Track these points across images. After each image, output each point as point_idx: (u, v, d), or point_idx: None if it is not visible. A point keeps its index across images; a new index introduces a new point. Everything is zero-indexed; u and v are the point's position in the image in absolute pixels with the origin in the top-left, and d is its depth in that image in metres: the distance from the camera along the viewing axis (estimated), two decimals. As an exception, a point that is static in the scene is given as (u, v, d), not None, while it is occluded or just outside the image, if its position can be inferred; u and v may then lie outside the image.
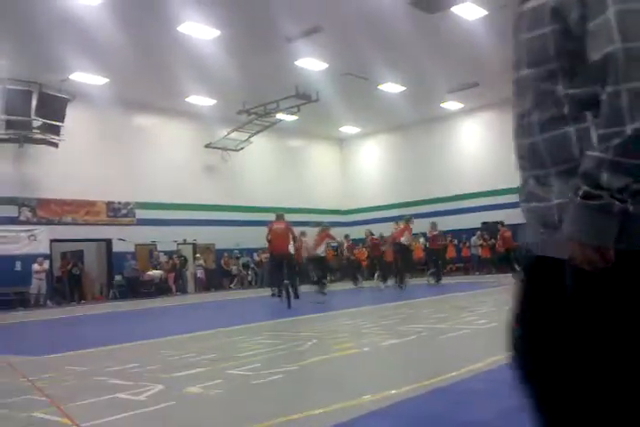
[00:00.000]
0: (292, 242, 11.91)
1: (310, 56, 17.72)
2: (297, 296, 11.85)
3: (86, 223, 19.87)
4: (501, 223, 18.93)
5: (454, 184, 24.92)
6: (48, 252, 19.06)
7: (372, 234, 18.62)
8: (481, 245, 22.54)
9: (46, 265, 18.26)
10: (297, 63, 18.11)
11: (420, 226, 24.65)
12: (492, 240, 22.32)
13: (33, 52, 15.76)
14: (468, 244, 23.28)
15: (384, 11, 14.55)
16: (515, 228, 22.23)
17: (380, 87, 21.06)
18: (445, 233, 23.90)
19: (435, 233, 17.88)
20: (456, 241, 23.55)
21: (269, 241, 12.05)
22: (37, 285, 17.85)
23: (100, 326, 11.09)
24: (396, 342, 5.75)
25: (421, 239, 23.74)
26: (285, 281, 11.44)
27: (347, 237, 21.98)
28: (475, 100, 23.32)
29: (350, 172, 29.32)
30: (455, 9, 14.94)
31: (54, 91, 17.74)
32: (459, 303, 10.01)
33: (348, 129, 27.64)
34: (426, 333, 6.21)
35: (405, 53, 17.45)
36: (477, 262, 22.85)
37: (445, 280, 17.13)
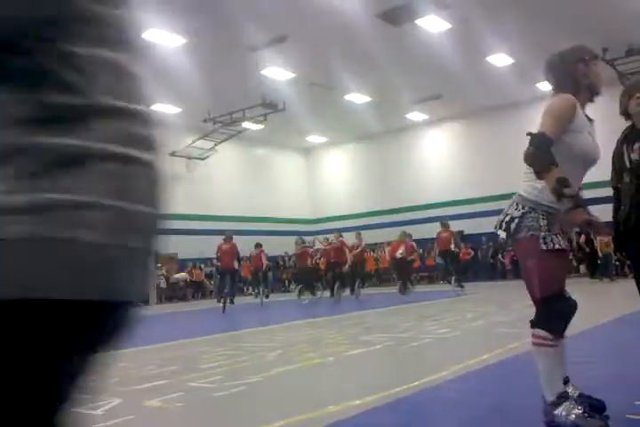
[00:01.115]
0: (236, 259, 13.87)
1: (276, 65, 17.75)
2: (232, 302, 13.64)
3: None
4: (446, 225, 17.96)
5: (420, 194, 25.21)
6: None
7: (304, 242, 16.82)
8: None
9: None
10: (263, 72, 18.11)
11: (385, 236, 24.88)
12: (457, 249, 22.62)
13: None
14: (433, 253, 23.48)
15: (350, 22, 14.69)
16: (477, 237, 22.64)
17: (346, 97, 21.22)
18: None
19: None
20: (421, 250, 23.73)
21: (218, 258, 14.23)
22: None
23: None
24: (360, 351, 5.73)
25: (387, 249, 23.89)
26: (225, 290, 13.63)
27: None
28: (439, 111, 23.69)
29: (317, 181, 29.38)
30: (420, 22, 15.18)
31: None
32: (424, 312, 10.06)
33: (315, 138, 27.72)
34: (391, 342, 6.21)
35: (371, 64, 17.64)
36: (443, 271, 23.06)
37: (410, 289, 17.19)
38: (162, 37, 15.18)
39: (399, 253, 15.42)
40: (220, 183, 24.73)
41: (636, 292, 3.36)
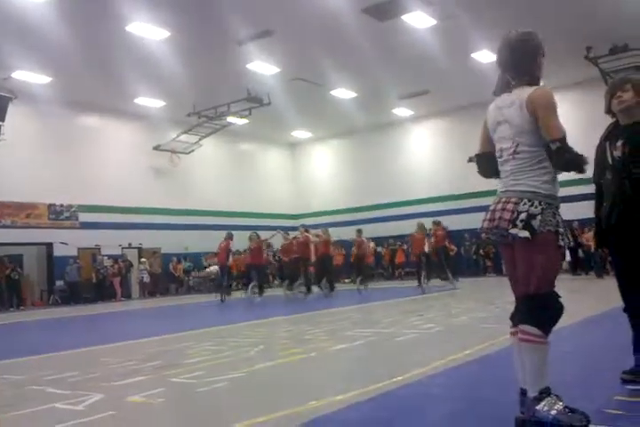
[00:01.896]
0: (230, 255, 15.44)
1: (262, 60, 17.66)
2: (229, 294, 15.13)
3: (27, 226, 19.17)
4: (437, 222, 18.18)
5: (405, 190, 25.29)
6: (-15, 255, 18.28)
7: (258, 237, 15.11)
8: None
9: (-19, 269, 17.50)
10: (248, 66, 18.01)
11: (369, 231, 24.95)
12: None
13: (-28, 47, 15.13)
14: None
15: (336, 17, 14.65)
16: (459, 233, 22.77)
17: (332, 93, 21.18)
18: (394, 238, 24.28)
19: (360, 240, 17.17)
20: (405, 246, 23.86)
21: (216, 254, 15.54)
22: (-28, 290, 17.10)
23: (38, 332, 10.68)
24: (343, 346, 5.74)
25: (371, 244, 24.01)
26: (224, 283, 15.08)
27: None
28: (424, 107, 23.76)
29: (302, 176, 29.34)
30: (405, 17, 15.18)
31: (-5, 89, 17.06)
32: (407, 308, 10.11)
33: (300, 133, 27.67)
34: (373, 337, 6.24)
35: (357, 60, 17.62)
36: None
37: (394, 284, 17.28)
38: (146, 30, 15.03)
39: (427, 248, 15.44)
40: (204, 178, 24.61)
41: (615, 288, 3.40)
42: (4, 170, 18.22)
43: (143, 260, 21.78)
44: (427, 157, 25.36)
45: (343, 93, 21.42)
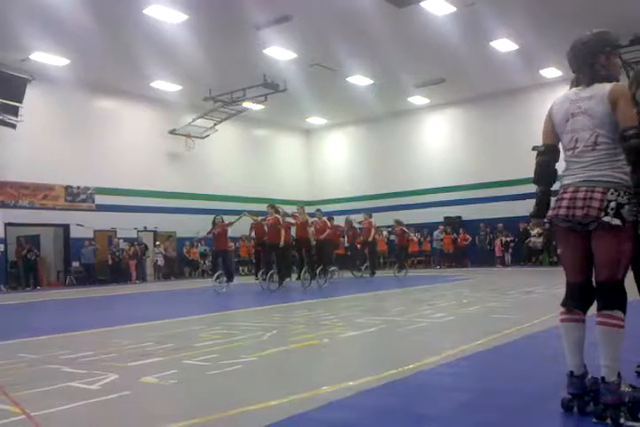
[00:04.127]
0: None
1: (279, 45, 17.57)
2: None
3: (44, 208, 19.38)
4: (398, 222, 17.93)
5: (419, 178, 25.18)
6: (2, 236, 18.53)
7: (223, 220, 13.76)
8: (442, 240, 22.89)
9: (-1, 249, 17.77)
10: (265, 52, 17.94)
11: (383, 219, 24.92)
12: (455, 235, 22.75)
13: (-9, 28, 15.20)
14: (429, 238, 23.59)
15: (354, 3, 14.52)
16: (474, 223, 22.67)
17: (349, 79, 21.06)
18: (407, 227, 24.19)
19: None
20: (419, 235, 23.84)
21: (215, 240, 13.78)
22: (-11, 269, 17.38)
23: (54, 312, 10.85)
24: (355, 333, 5.77)
25: (385, 232, 23.99)
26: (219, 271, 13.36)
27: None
28: (441, 95, 23.55)
29: (316, 163, 29.30)
30: (424, 4, 15.00)
31: (13, 70, 17.15)
32: (419, 297, 10.12)
33: (315, 120, 27.58)
34: (385, 325, 6.25)
35: (374, 46, 17.47)
36: (439, 256, 23.18)
37: (406, 273, 17.25)
38: (164, 13, 14.99)
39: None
40: (219, 163, 24.66)
41: None
42: (22, 151, 18.39)
43: (158, 243, 21.96)
44: (442, 146, 25.19)
45: (359, 80, 21.29)
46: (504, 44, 18.03)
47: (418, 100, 24.47)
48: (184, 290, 15.51)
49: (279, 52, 18.14)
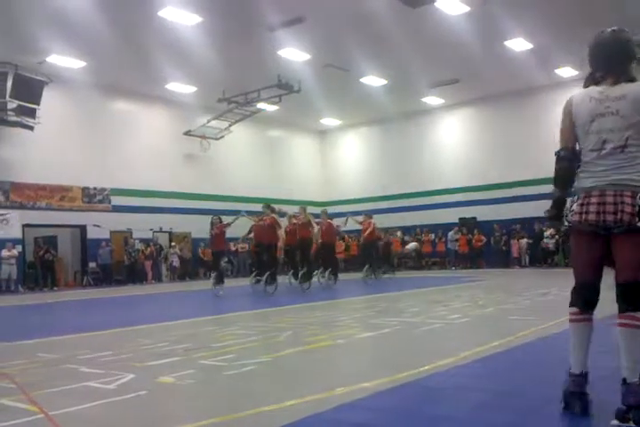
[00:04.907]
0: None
1: (293, 46, 17.61)
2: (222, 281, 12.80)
3: (61, 209, 19.58)
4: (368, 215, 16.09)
5: (433, 179, 25.10)
6: (20, 236, 18.76)
7: (221, 221, 13.11)
8: (457, 240, 22.79)
9: (16, 251, 17.97)
10: (279, 53, 17.99)
11: (397, 220, 24.87)
12: (470, 236, 22.65)
13: (9, 32, 15.41)
14: (443, 239, 23.51)
15: (368, 3, 14.52)
16: (489, 224, 22.55)
17: (362, 80, 21.05)
18: (421, 228, 24.14)
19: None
20: (433, 235, 23.79)
21: (214, 242, 13.36)
22: (7, 270, 17.60)
23: (72, 312, 10.97)
24: (369, 335, 5.78)
25: (398, 233, 23.94)
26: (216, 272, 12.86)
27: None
28: (455, 95, 23.47)
29: (330, 164, 29.32)
30: (438, 4, 14.96)
31: (30, 73, 17.37)
32: (433, 298, 10.09)
33: (329, 121, 27.61)
34: (400, 326, 6.25)
35: (388, 47, 17.45)
36: (454, 257, 23.09)
37: (421, 274, 17.21)
38: (178, 15, 15.09)
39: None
40: (233, 164, 24.76)
41: None
42: (40, 153, 18.61)
43: (173, 244, 22.10)
44: (457, 147, 25.09)
45: (373, 81, 21.27)
46: (519, 44, 17.91)
47: (432, 100, 24.40)
48: (198, 291, 15.58)
49: (293, 54, 18.18)
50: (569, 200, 2.86)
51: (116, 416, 3.16)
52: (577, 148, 2.88)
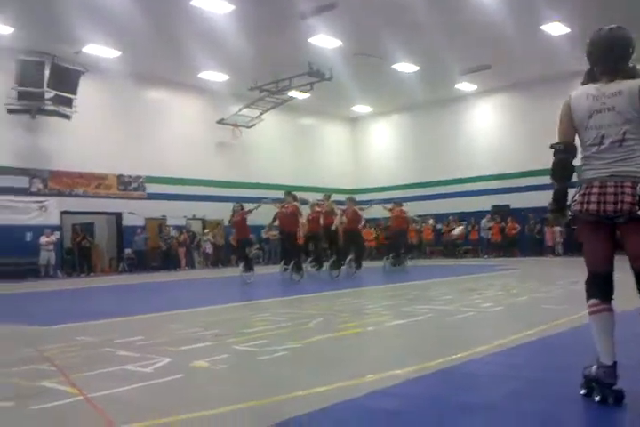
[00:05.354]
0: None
1: (324, 33, 17.52)
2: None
3: (97, 196, 19.99)
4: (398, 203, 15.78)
5: (465, 166, 24.80)
6: (58, 223, 19.23)
7: (242, 208, 13.13)
8: (490, 228, 22.53)
9: (54, 237, 18.42)
10: (310, 40, 17.91)
11: (429, 207, 24.66)
12: (503, 223, 22.38)
13: (46, 23, 15.68)
14: (476, 227, 23.25)
15: (401, -12, 14.31)
16: (523, 211, 22.21)
17: (394, 66, 20.84)
18: (452, 216, 23.91)
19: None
20: (466, 223, 23.55)
21: (237, 228, 13.34)
22: (46, 256, 18.07)
23: (108, 298, 11.23)
24: (401, 322, 5.78)
25: (430, 221, 23.78)
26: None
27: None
28: (489, 81, 23.05)
29: (361, 151, 29.21)
30: (473, -13, 14.66)
31: (67, 63, 17.69)
32: (466, 286, 10.03)
33: (360, 108, 27.45)
34: (432, 314, 6.24)
35: (420, 33, 17.21)
36: (487, 245, 22.84)
37: (452, 262, 17.07)
38: (211, 4, 15.14)
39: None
40: (265, 152, 24.86)
41: None
42: (77, 142, 18.98)
43: (207, 231, 22.37)
44: (490, 133, 24.70)
45: (405, 67, 21.04)
46: (555, 28, 17.47)
47: (465, 86, 24.02)
48: (230, 277, 15.74)
49: (325, 41, 18.08)
50: (573, 191, 2.93)
51: (154, 399, 3.24)
52: (575, 142, 2.97)
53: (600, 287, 2.86)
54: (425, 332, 5.36)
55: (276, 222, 13.34)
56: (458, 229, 22.51)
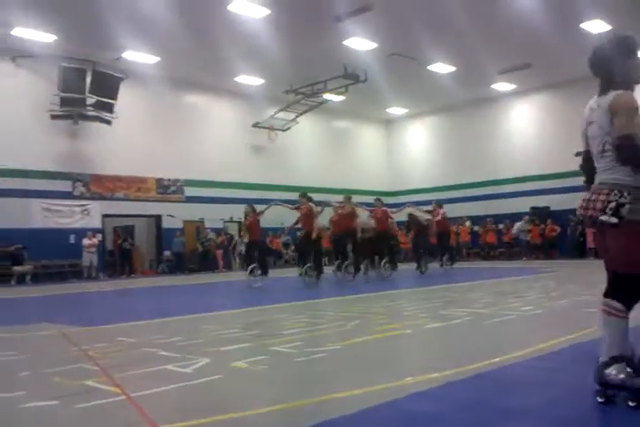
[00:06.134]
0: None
1: (359, 36, 17.51)
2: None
3: (137, 199, 20.40)
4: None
5: (504, 167, 24.45)
6: (100, 226, 19.68)
7: (254, 210, 13.43)
8: (529, 230, 22.14)
9: (97, 239, 18.86)
10: (345, 43, 17.93)
11: (465, 210, 24.38)
12: (542, 226, 21.96)
13: (87, 31, 16.10)
14: (511, 228, 22.86)
15: (437, -12, 14.21)
16: (564, 213, 21.76)
17: (429, 67, 20.69)
18: (488, 218, 23.58)
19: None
20: (501, 226, 23.20)
21: (248, 230, 13.40)
22: (89, 258, 18.51)
23: (148, 299, 11.44)
24: (439, 325, 5.73)
25: (467, 223, 23.50)
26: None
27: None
28: (526, 81, 22.69)
29: (397, 153, 29.07)
30: (511, -14, 14.46)
31: (108, 69, 18.11)
32: (505, 289, 9.88)
33: (395, 110, 27.33)
34: (470, 317, 6.16)
35: (456, 32, 17.05)
36: (525, 247, 22.44)
37: (488, 264, 16.83)
38: (247, 9, 15.30)
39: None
40: (300, 154, 24.97)
41: None
42: (117, 146, 19.42)
43: (243, 233, 22.55)
44: (528, 134, 24.29)
45: (441, 68, 20.88)
46: (597, 25, 17.09)
47: (503, 86, 23.68)
48: (267, 279, 15.83)
49: (360, 43, 18.08)
50: (582, 194, 3.06)
51: (194, 399, 3.28)
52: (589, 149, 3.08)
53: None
54: (463, 335, 5.30)
55: (299, 225, 13.07)
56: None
